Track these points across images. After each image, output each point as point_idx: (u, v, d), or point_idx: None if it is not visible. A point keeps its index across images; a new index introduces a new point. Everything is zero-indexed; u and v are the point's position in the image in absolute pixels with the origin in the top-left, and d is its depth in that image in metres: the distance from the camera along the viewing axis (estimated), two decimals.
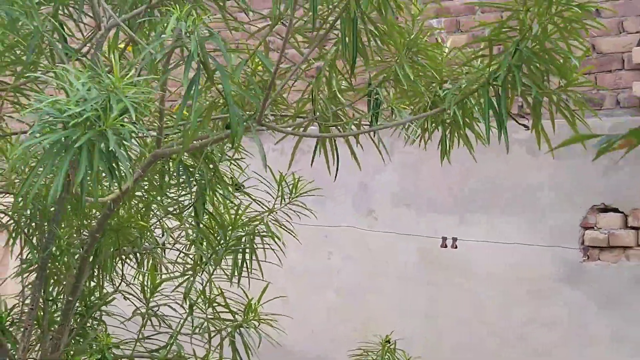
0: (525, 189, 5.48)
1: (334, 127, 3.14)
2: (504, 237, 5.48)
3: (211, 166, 3.18)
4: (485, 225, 5.57)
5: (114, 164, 2.32)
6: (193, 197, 3.21)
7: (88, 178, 2.25)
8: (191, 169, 3.16)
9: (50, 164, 2.27)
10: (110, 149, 2.23)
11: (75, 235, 3.26)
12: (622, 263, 5.16)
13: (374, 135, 3.15)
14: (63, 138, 2.27)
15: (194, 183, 3.18)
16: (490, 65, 2.88)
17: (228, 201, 3.37)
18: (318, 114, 3.07)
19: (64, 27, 2.99)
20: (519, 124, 3.04)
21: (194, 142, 2.87)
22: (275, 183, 3.48)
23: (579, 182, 5.35)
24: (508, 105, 2.87)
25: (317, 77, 2.99)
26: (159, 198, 3.28)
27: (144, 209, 3.31)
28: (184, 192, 3.29)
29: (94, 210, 3.20)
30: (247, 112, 2.81)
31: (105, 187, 3.04)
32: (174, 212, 3.37)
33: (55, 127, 2.28)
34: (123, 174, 2.35)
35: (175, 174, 3.19)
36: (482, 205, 5.59)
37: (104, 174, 2.42)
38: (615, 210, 5.24)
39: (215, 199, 3.32)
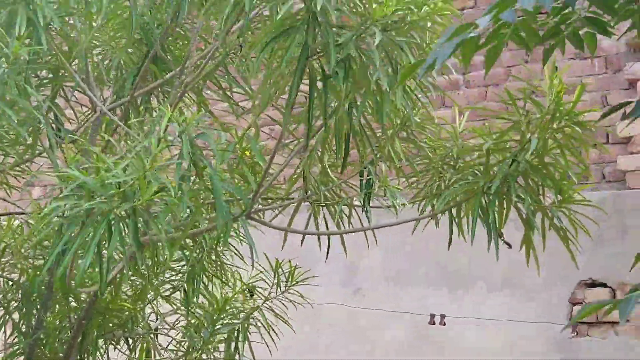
0: (513, 265, 5.46)
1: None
2: (493, 314, 5.44)
3: (206, 249, 3.15)
4: (473, 301, 5.53)
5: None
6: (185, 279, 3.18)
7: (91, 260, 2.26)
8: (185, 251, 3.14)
9: (83, 234, 2.28)
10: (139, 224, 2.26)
11: (63, 320, 3.21)
12: (611, 338, 5.13)
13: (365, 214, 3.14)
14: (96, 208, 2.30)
15: (185, 266, 3.15)
16: (488, 173, 2.89)
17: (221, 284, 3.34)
18: (309, 192, 3.06)
19: (60, 109, 3.02)
20: (503, 241, 3.03)
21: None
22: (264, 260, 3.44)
23: (566, 257, 5.32)
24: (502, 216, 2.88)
25: (309, 155, 2.98)
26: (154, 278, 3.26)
27: (139, 291, 3.27)
28: (174, 274, 3.26)
29: (83, 295, 3.15)
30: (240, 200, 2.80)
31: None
32: (165, 294, 3.33)
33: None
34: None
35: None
36: (471, 281, 5.56)
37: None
38: (603, 285, 5.22)
39: (209, 282, 3.29)
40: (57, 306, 3.14)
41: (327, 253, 3.14)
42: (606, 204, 5.24)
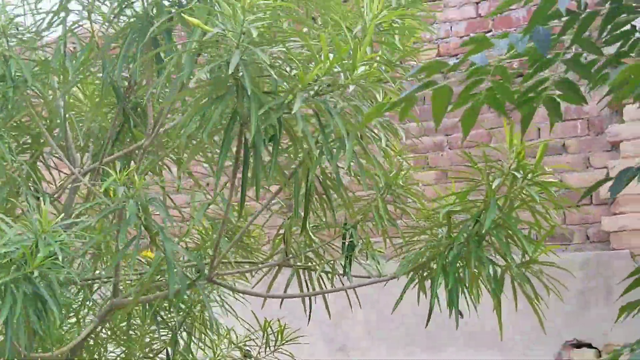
0: (496, 325, 5.44)
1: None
2: None
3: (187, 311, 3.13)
4: None
5: (40, 308, 2.32)
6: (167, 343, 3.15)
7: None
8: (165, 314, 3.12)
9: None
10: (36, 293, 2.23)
11: None
12: None
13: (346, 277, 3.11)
14: None
15: (166, 328, 3.12)
16: (450, 235, 2.86)
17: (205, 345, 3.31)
18: (291, 256, 3.04)
19: (40, 173, 3.04)
20: (458, 313, 3.00)
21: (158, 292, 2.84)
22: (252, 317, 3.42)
23: (552, 318, 5.32)
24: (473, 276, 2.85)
25: (290, 217, 2.96)
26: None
27: (125, 355, 3.23)
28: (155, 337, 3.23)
29: None
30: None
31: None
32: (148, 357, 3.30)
33: None
34: (52, 320, 2.34)
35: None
36: (456, 340, 5.53)
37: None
38: (589, 345, 5.21)
39: (192, 343, 3.25)
40: None
41: (309, 316, 3.12)
42: (590, 264, 5.26)
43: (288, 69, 2.47)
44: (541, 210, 2.83)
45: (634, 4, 2.18)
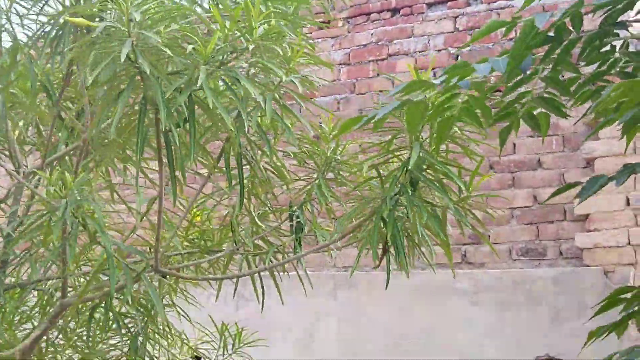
0: (470, 340, 5.45)
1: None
2: None
3: (145, 312, 3.10)
4: None
5: None
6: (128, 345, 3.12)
7: None
8: (127, 316, 3.09)
9: None
10: None
11: None
12: None
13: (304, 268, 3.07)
14: None
15: (127, 331, 3.09)
16: (383, 187, 2.80)
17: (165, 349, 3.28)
18: (238, 245, 3.01)
19: None
20: (406, 264, 2.90)
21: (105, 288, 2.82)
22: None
23: (523, 333, 5.33)
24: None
25: (234, 206, 2.93)
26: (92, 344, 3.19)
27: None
28: (117, 341, 3.20)
29: None
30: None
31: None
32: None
33: None
34: None
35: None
36: (428, 355, 5.53)
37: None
38: None
39: (152, 347, 3.23)
40: None
41: (263, 293, 3.06)
42: (563, 280, 5.27)
43: (190, 47, 2.41)
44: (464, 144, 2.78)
45: (615, 30, 2.21)
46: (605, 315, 2.54)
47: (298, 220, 3.03)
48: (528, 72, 2.20)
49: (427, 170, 2.73)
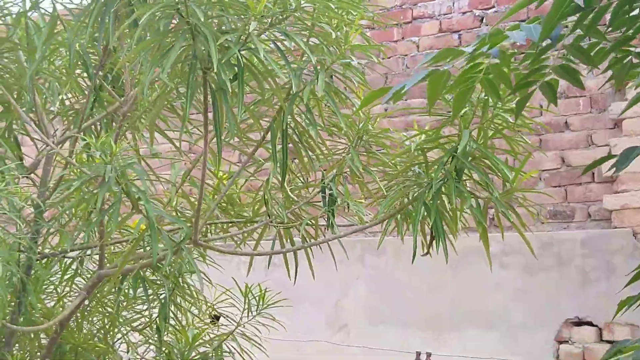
0: (497, 303, 5.44)
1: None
2: (478, 352, 5.40)
3: (173, 280, 3.11)
4: (459, 340, 5.50)
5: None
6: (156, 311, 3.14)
7: None
8: (156, 283, 3.10)
9: None
10: None
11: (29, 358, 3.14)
12: None
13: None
14: None
15: (155, 298, 3.11)
16: (428, 173, 2.81)
17: (192, 315, 3.29)
18: (272, 217, 3.01)
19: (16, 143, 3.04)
20: (445, 246, 2.92)
21: (142, 260, 2.82)
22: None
23: (552, 296, 5.31)
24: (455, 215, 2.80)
25: (267, 179, 2.93)
26: (125, 313, 3.21)
27: (109, 325, 3.22)
28: (145, 307, 3.21)
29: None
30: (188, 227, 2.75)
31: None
32: (138, 327, 3.28)
33: None
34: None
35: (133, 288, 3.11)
36: (456, 320, 5.53)
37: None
38: (590, 323, 5.20)
39: (179, 313, 3.24)
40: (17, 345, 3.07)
41: (296, 271, 3.07)
42: (592, 242, 5.24)
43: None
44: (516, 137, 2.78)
45: None
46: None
47: (330, 192, 3.03)
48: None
49: (473, 161, 2.74)
